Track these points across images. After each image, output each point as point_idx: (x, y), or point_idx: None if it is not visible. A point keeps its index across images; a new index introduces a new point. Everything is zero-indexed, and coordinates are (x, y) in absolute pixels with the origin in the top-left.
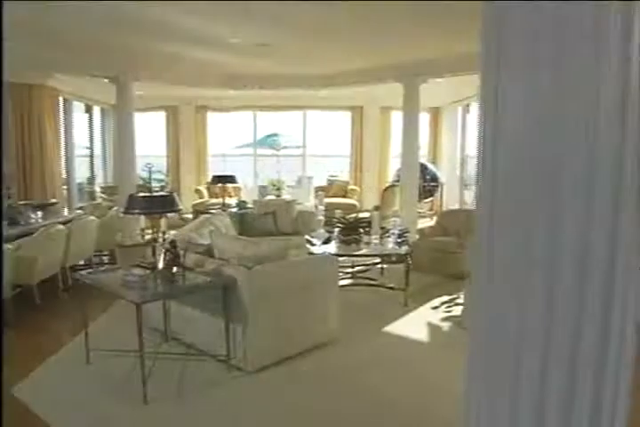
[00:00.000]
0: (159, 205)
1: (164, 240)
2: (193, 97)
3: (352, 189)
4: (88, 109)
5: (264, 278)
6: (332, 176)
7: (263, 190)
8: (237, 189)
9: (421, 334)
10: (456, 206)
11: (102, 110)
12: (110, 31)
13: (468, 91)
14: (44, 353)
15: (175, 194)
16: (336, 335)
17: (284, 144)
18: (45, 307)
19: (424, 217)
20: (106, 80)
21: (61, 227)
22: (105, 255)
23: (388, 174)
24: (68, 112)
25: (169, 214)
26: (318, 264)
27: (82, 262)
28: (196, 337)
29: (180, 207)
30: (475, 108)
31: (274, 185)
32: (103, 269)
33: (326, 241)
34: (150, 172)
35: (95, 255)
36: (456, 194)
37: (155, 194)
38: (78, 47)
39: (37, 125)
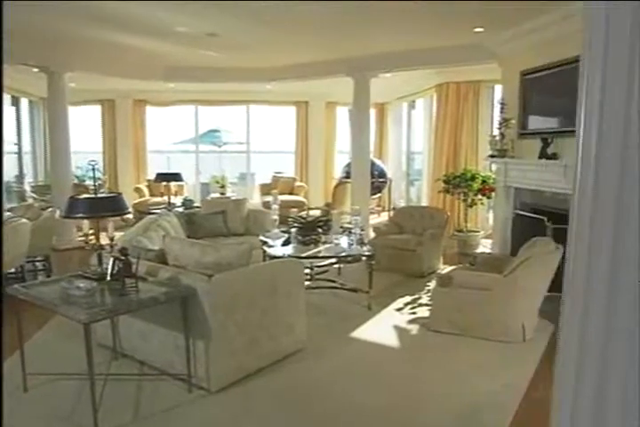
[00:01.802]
0: (105, 207)
1: (112, 247)
2: (130, 90)
3: (299, 186)
4: (15, 102)
5: (226, 287)
6: (278, 173)
7: (205, 188)
8: (180, 187)
9: (390, 339)
10: (402, 203)
11: (31, 103)
12: (40, 15)
13: (413, 87)
14: None
15: (122, 195)
16: (304, 344)
17: (226, 140)
18: None
19: (372, 213)
20: (35, 70)
21: None
22: (39, 261)
23: (334, 170)
24: None
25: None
26: (283, 269)
27: (12, 270)
28: (150, 354)
29: (129, 209)
30: (420, 105)
31: (217, 182)
32: (41, 280)
33: (286, 242)
34: (94, 169)
35: (27, 261)
36: (402, 190)
37: (99, 195)
38: (4, 32)
39: None
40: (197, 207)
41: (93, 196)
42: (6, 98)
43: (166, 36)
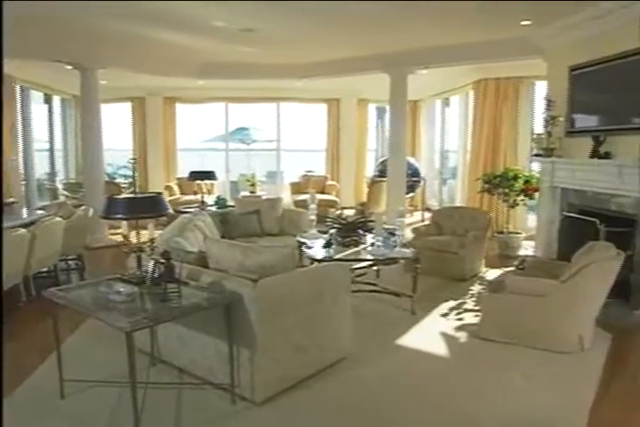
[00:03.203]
0: (144, 208)
1: (152, 249)
2: (161, 87)
3: (331, 185)
4: (47, 99)
5: (272, 293)
6: (309, 171)
7: (234, 186)
8: (210, 186)
9: (438, 347)
10: (435, 202)
11: (63, 101)
12: (74, 12)
13: (449, 83)
14: (8, 384)
15: (162, 194)
16: (350, 351)
17: (255, 138)
18: (5, 324)
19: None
20: (68, 67)
21: (23, 231)
22: (71, 260)
23: (366, 169)
24: (25, 102)
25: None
26: (329, 273)
27: (45, 269)
28: (190, 361)
29: (169, 210)
30: (455, 102)
31: (248, 181)
32: (78, 284)
33: (327, 244)
34: (134, 168)
35: (60, 260)
36: (435, 189)
37: (138, 195)
38: (38, 29)
39: None
40: (230, 206)
41: (132, 196)
42: (39, 96)
43: (201, 31)
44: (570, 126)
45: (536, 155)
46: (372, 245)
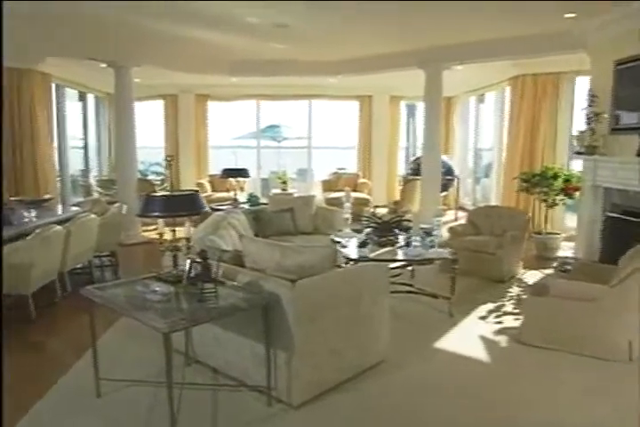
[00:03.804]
0: (181, 206)
1: (189, 248)
2: (193, 85)
3: (362, 183)
4: (82, 97)
5: (311, 294)
6: (340, 169)
7: (265, 184)
8: (242, 183)
9: (477, 352)
10: (468, 201)
11: (97, 98)
12: (109, 10)
13: (484, 80)
14: (45, 381)
15: (199, 192)
16: (388, 354)
17: (286, 135)
18: (41, 320)
19: None
20: (103, 65)
21: (59, 228)
22: (105, 256)
23: (398, 167)
24: (60, 100)
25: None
26: (368, 274)
27: (79, 265)
28: (225, 362)
29: (206, 208)
30: (490, 99)
31: (279, 178)
32: (114, 282)
33: (363, 244)
34: (170, 166)
35: (94, 257)
36: (469, 188)
37: (175, 193)
38: (73, 28)
39: (28, 113)
40: (263, 204)
41: (169, 194)
42: (74, 94)
43: (235, 28)
44: (614, 123)
45: (578, 153)
46: (408, 244)
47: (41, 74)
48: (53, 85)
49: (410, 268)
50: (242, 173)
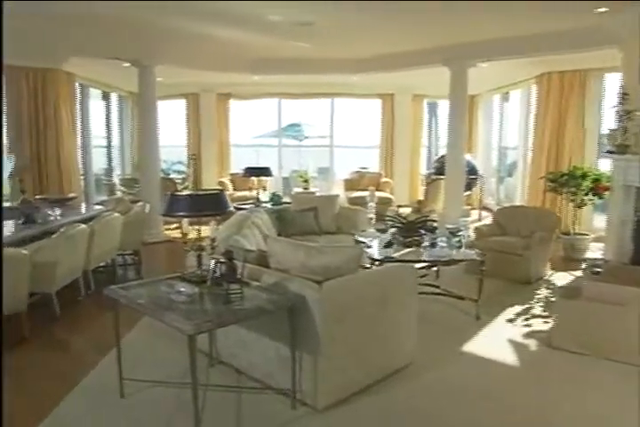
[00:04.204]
0: (206, 205)
1: (213, 248)
2: (215, 84)
3: (385, 182)
4: (105, 96)
5: (337, 296)
6: (362, 168)
7: (286, 182)
8: (264, 182)
9: (506, 356)
10: (492, 201)
11: (120, 97)
12: (132, 9)
13: (509, 77)
14: (69, 380)
15: (224, 191)
16: (415, 357)
17: (307, 134)
18: (65, 318)
19: None
20: (126, 64)
21: (83, 227)
22: (128, 255)
23: (421, 166)
24: (84, 99)
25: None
26: (395, 275)
27: (103, 264)
28: (249, 363)
29: (231, 208)
30: (515, 97)
31: (301, 177)
32: (138, 282)
33: (388, 244)
34: (194, 164)
35: (117, 255)
36: (492, 188)
37: (200, 192)
38: (97, 27)
39: (53, 113)
40: (286, 203)
41: (194, 193)
42: (97, 93)
43: (258, 26)
44: None
45: (609, 152)
46: (434, 245)
47: (65, 73)
48: (77, 85)
49: (435, 268)
50: (264, 171)
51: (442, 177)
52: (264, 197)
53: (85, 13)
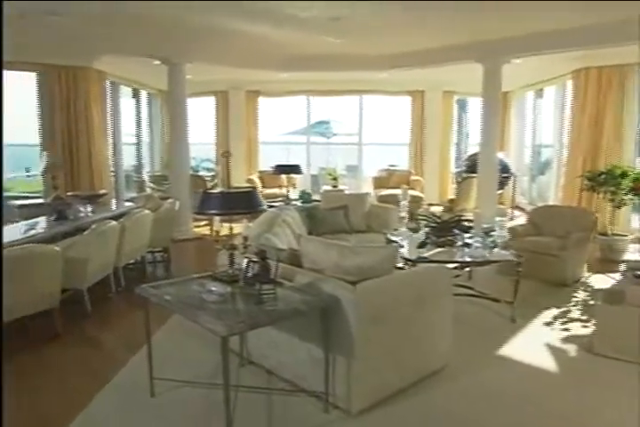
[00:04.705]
0: (238, 203)
1: (246, 247)
2: (243, 81)
3: (415, 180)
4: (135, 94)
5: (372, 297)
6: (391, 165)
7: (315, 180)
8: (293, 179)
9: (544, 361)
10: (524, 200)
11: (149, 95)
12: (162, 6)
13: (543, 73)
14: (100, 377)
15: (256, 189)
16: (450, 360)
17: (335, 131)
18: (96, 315)
19: None
20: (156, 62)
21: (114, 223)
22: (157, 252)
23: (451, 164)
24: (115, 97)
25: None
26: (430, 276)
27: (132, 261)
28: (280, 364)
29: (264, 206)
30: (550, 93)
31: (330, 175)
32: (169, 281)
33: (422, 244)
34: (227, 161)
35: (147, 252)
36: (525, 186)
37: (232, 190)
38: (128, 26)
39: (84, 110)
40: (315, 201)
41: (226, 191)
42: (127, 91)
43: (288, 22)
44: None
45: None
46: (468, 245)
47: (97, 71)
48: (108, 83)
49: (467, 269)
50: (295, 169)
51: (474, 175)
52: (293, 194)
53: (117, 13)
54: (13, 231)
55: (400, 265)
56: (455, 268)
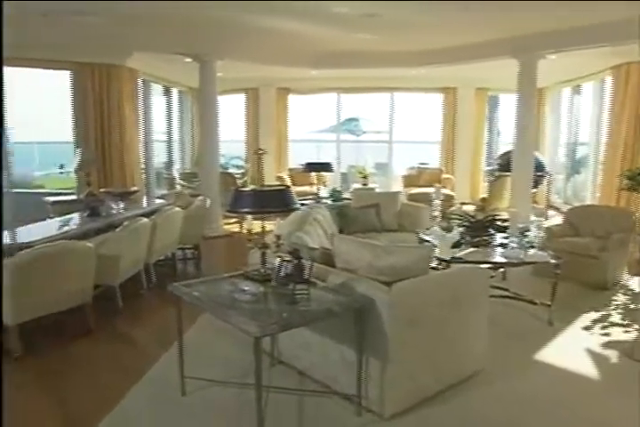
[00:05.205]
0: (271, 202)
1: (278, 246)
2: (274, 78)
3: (446, 179)
4: (166, 92)
5: (407, 298)
6: (422, 164)
7: (344, 178)
8: (324, 177)
9: (584, 367)
10: (559, 199)
11: (180, 93)
12: (194, 4)
13: (581, 69)
14: (132, 374)
15: (290, 188)
16: (485, 364)
17: (364, 129)
18: (128, 312)
19: None
20: (187, 60)
21: (146, 221)
22: (188, 249)
23: (482, 162)
24: (146, 95)
25: None
26: (467, 277)
27: (163, 258)
28: (312, 365)
29: (297, 205)
30: (588, 89)
31: (360, 173)
32: (201, 279)
33: (457, 244)
34: (260, 159)
35: (177, 249)
36: (559, 185)
37: (265, 188)
38: (160, 23)
39: (117, 108)
40: (346, 199)
41: (260, 189)
42: (158, 89)
43: (321, 18)
44: None
45: None
46: (503, 245)
47: (129, 70)
48: (140, 81)
49: (501, 269)
50: (325, 167)
51: (507, 174)
52: (324, 192)
53: (149, 12)
54: (49, 227)
55: (433, 265)
56: (489, 268)
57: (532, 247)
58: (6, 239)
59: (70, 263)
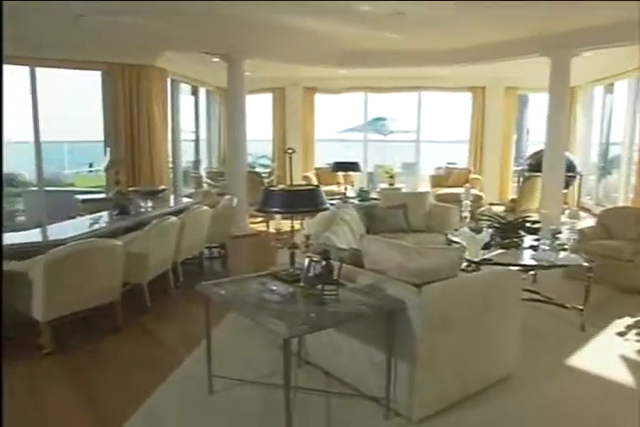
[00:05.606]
0: (301, 202)
1: (308, 246)
2: (301, 78)
3: (474, 179)
4: (194, 91)
5: (438, 301)
6: (450, 163)
7: (370, 178)
8: (351, 177)
9: (618, 373)
10: (590, 200)
11: (208, 92)
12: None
13: (614, 67)
14: (160, 372)
15: (319, 187)
16: (514, 369)
17: (391, 128)
18: (156, 309)
19: None
20: (216, 59)
21: (174, 219)
22: (215, 247)
23: (511, 162)
24: (175, 94)
25: None
26: (498, 280)
27: (190, 256)
28: (339, 366)
29: (327, 205)
30: (622, 88)
31: (387, 173)
32: (230, 278)
33: (487, 246)
34: (290, 158)
35: (205, 247)
36: (590, 186)
37: (295, 188)
38: (190, 23)
39: (146, 107)
40: (374, 199)
41: (289, 189)
42: (187, 88)
43: (348, 17)
44: None
45: None
46: (534, 247)
47: (159, 70)
48: (169, 80)
49: (532, 272)
50: (353, 166)
51: (538, 174)
52: (351, 192)
53: (180, 10)
54: (80, 225)
55: (463, 267)
56: (518, 271)
57: (564, 250)
58: (38, 237)
59: (100, 261)
